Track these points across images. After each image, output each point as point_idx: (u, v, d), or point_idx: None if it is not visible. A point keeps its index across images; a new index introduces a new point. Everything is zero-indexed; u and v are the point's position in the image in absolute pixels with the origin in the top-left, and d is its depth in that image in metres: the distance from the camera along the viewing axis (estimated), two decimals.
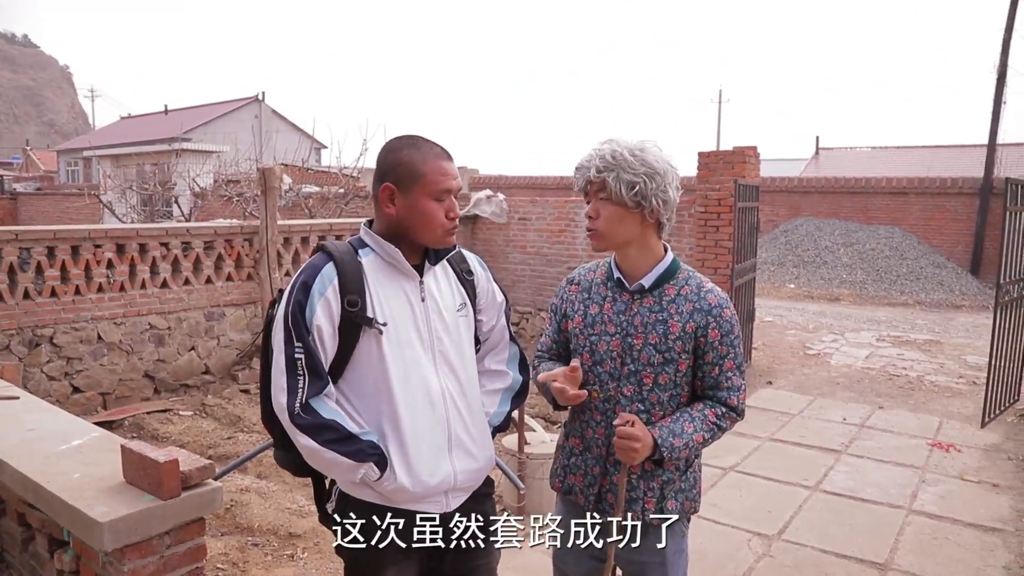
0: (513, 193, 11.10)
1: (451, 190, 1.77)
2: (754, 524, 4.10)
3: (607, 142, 1.86)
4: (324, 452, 1.68)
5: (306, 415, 1.68)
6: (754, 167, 7.50)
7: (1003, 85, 14.57)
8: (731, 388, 1.89)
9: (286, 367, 1.68)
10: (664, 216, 1.86)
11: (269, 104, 33.56)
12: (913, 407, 6.45)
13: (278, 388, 1.69)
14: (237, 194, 11.58)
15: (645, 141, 1.86)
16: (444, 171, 1.76)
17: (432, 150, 1.77)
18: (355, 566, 1.84)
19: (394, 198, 1.75)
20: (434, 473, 1.77)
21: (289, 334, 1.69)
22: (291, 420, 1.68)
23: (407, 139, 1.79)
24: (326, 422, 1.68)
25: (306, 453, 1.72)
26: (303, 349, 1.68)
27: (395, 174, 1.75)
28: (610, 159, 1.81)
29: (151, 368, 6.72)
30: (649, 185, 1.80)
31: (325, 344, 1.71)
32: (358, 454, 1.69)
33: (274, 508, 4.30)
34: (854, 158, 26.54)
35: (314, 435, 1.67)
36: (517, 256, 9.05)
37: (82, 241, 6.27)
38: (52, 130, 67.04)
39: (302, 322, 1.69)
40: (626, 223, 1.84)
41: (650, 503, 1.91)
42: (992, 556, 3.77)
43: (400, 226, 1.76)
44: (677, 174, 1.86)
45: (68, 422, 2.69)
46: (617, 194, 1.80)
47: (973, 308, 12.33)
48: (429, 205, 1.74)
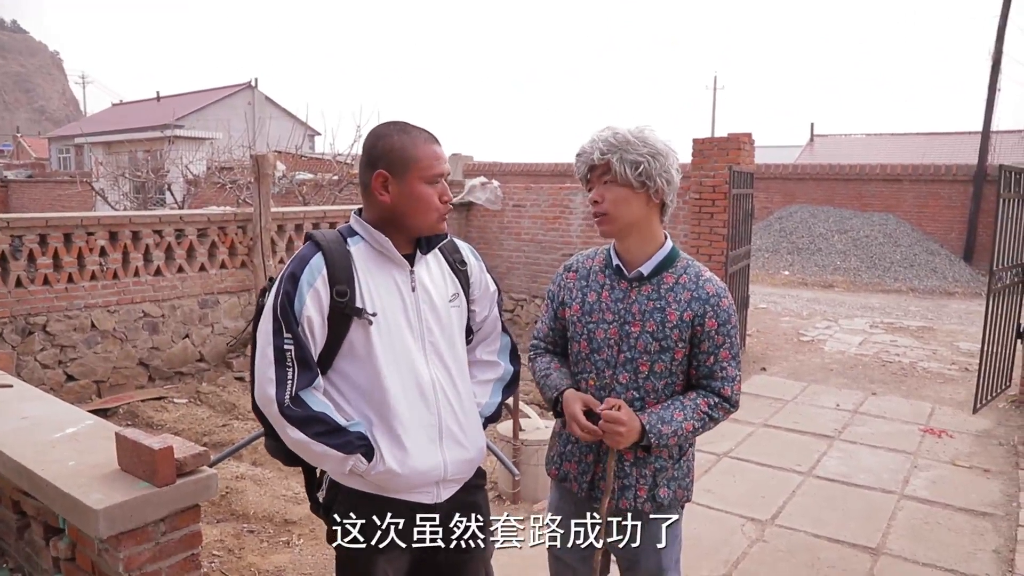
0: (508, 180, 11.08)
1: (444, 174, 1.78)
2: (748, 509, 4.13)
3: (606, 128, 1.86)
4: (313, 445, 1.67)
5: (296, 407, 1.67)
6: (749, 154, 7.50)
7: (998, 72, 14.58)
8: (725, 378, 1.89)
9: (275, 359, 1.67)
10: (668, 197, 1.86)
11: (262, 91, 33.36)
12: (906, 393, 6.49)
13: (266, 380, 1.68)
14: (230, 181, 11.54)
15: (643, 126, 1.86)
16: (436, 155, 1.76)
17: (421, 135, 1.77)
18: (347, 556, 1.84)
19: (388, 185, 1.73)
20: (424, 462, 1.77)
21: (279, 325, 1.68)
22: (280, 412, 1.67)
23: (395, 125, 1.78)
24: (315, 414, 1.68)
25: (295, 446, 1.71)
26: (292, 340, 1.67)
27: (387, 160, 1.73)
28: (613, 141, 1.81)
29: (145, 356, 6.71)
30: (653, 164, 1.80)
31: (315, 335, 1.70)
32: (347, 446, 1.69)
33: (269, 495, 4.31)
34: (849, 145, 26.55)
35: (303, 428, 1.67)
36: (512, 243, 9.04)
37: (74, 229, 6.24)
38: (43, 117, 66.54)
39: (291, 313, 1.67)
40: (632, 204, 1.84)
41: (642, 490, 1.92)
42: (982, 540, 3.81)
43: (394, 213, 1.75)
44: (677, 157, 1.87)
45: (62, 410, 2.69)
46: (622, 175, 1.80)
47: (966, 295, 12.38)
48: (424, 190, 1.74)
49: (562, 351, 2.08)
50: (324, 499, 1.85)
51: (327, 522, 1.87)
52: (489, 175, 10.87)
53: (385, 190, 1.74)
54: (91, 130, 26.90)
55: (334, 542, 1.84)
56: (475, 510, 1.93)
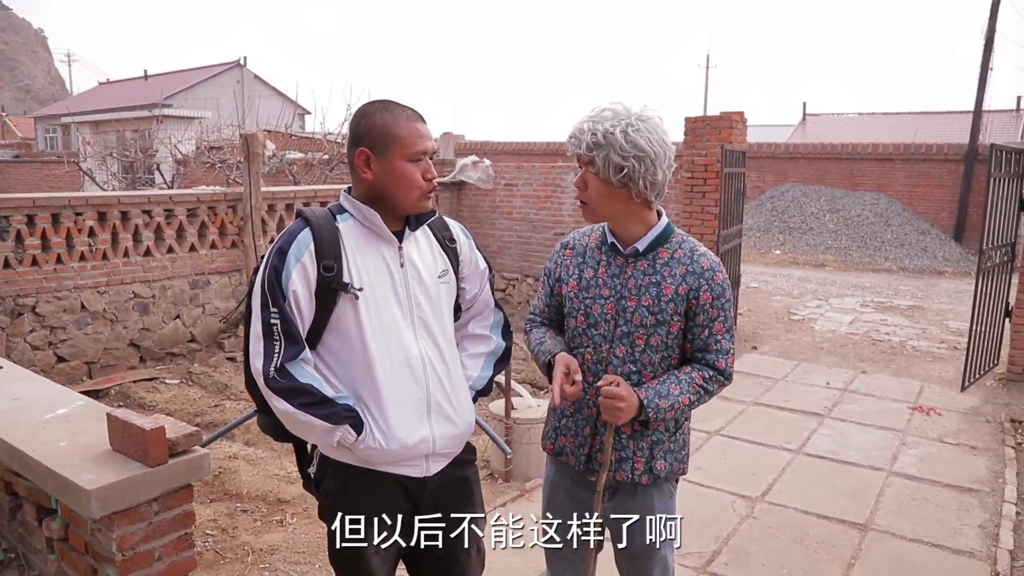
0: (499, 159, 11.03)
1: (427, 151, 1.77)
2: (738, 487, 4.17)
3: (606, 110, 1.83)
4: (299, 415, 1.69)
5: (282, 379, 1.69)
6: (741, 133, 7.48)
7: (990, 51, 14.54)
8: (720, 351, 1.91)
9: (263, 332, 1.69)
10: (651, 196, 1.85)
11: (251, 69, 33.00)
12: (895, 372, 6.54)
13: (255, 353, 1.70)
14: (220, 161, 11.42)
15: (646, 114, 1.82)
16: (419, 133, 1.76)
17: (404, 112, 1.77)
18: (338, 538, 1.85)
19: (370, 162, 1.74)
20: (411, 435, 1.78)
21: (265, 299, 1.70)
22: (267, 384, 1.69)
23: (379, 103, 1.78)
24: (302, 386, 1.69)
25: (282, 417, 1.73)
26: (279, 314, 1.69)
27: (370, 138, 1.74)
28: (600, 139, 1.78)
29: (136, 337, 6.68)
30: (637, 169, 1.78)
31: (302, 309, 1.72)
32: (334, 416, 1.70)
33: (262, 474, 4.32)
34: (841, 124, 26.51)
35: (289, 398, 1.68)
36: (503, 222, 9.02)
37: (62, 209, 6.18)
38: (28, 96, 65.65)
39: (278, 288, 1.69)
40: (612, 200, 1.85)
41: (639, 463, 1.94)
42: (968, 516, 3.86)
43: (378, 190, 1.76)
44: (671, 153, 1.84)
45: (53, 391, 2.68)
46: (604, 173, 1.80)
47: (956, 274, 12.45)
48: (406, 167, 1.74)
49: (557, 327, 2.09)
50: (315, 474, 1.87)
51: (318, 497, 1.89)
52: (480, 154, 10.80)
53: (367, 167, 1.75)
54: (78, 109, 26.61)
55: (325, 518, 1.86)
56: (464, 485, 1.95)
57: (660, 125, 1.83)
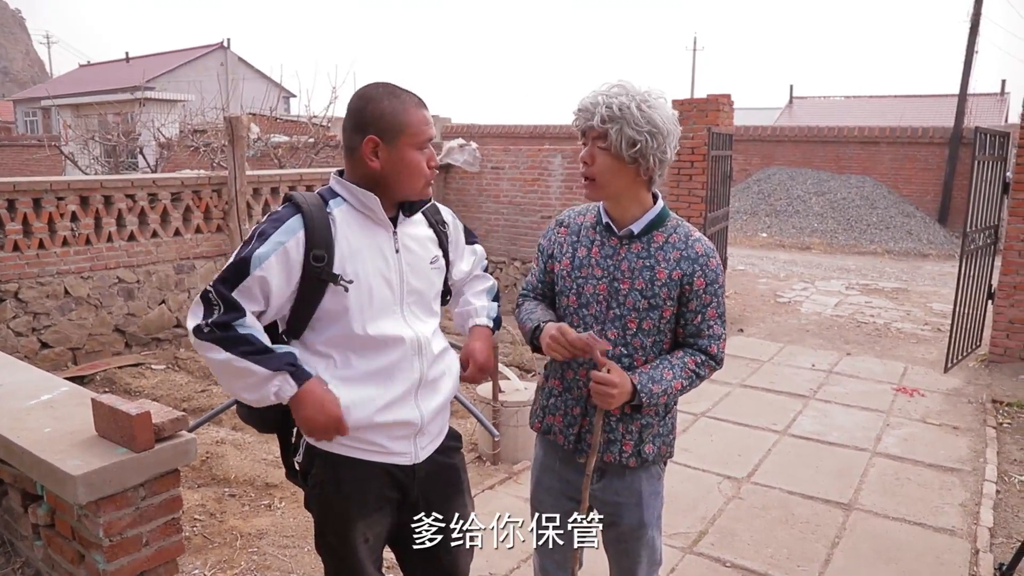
0: (486, 142, 10.96)
1: (432, 138, 1.76)
2: (724, 468, 4.21)
3: (616, 86, 1.81)
4: (236, 361, 1.61)
5: (220, 330, 1.62)
6: (728, 116, 7.48)
7: (976, 34, 14.59)
8: (712, 336, 1.91)
9: (203, 300, 1.65)
10: (656, 173, 1.86)
11: (235, 51, 32.62)
12: (879, 353, 6.61)
13: (192, 315, 1.65)
14: (204, 144, 11.30)
15: (653, 92, 1.81)
16: (426, 120, 1.73)
17: (411, 99, 1.73)
18: (325, 520, 1.84)
19: (378, 151, 1.70)
20: (396, 414, 1.77)
21: (226, 275, 1.65)
22: (200, 336, 1.62)
23: (383, 88, 1.73)
24: (240, 335, 1.63)
25: (217, 369, 1.66)
26: (229, 289, 1.64)
27: (378, 126, 1.68)
28: (616, 111, 1.76)
29: (121, 322, 6.63)
30: (650, 144, 1.78)
31: (268, 295, 1.67)
32: (271, 361, 1.63)
33: (250, 459, 4.31)
34: (827, 107, 26.59)
35: (227, 346, 1.61)
36: (491, 205, 8.99)
37: (44, 193, 6.10)
38: (6, 78, 64.49)
39: (244, 269, 1.64)
40: (620, 176, 1.83)
41: (628, 445, 1.95)
42: (950, 494, 3.92)
43: (382, 179, 1.72)
44: (678, 133, 1.85)
45: (37, 377, 2.66)
46: (616, 147, 1.79)
47: (940, 257, 12.56)
48: (414, 156, 1.72)
49: (550, 304, 2.08)
50: (301, 464, 1.83)
51: (304, 487, 1.87)
52: (467, 137, 10.74)
53: (375, 156, 1.70)
54: (58, 92, 26.18)
55: (312, 507, 1.85)
56: (452, 472, 1.95)
57: (668, 105, 1.83)
